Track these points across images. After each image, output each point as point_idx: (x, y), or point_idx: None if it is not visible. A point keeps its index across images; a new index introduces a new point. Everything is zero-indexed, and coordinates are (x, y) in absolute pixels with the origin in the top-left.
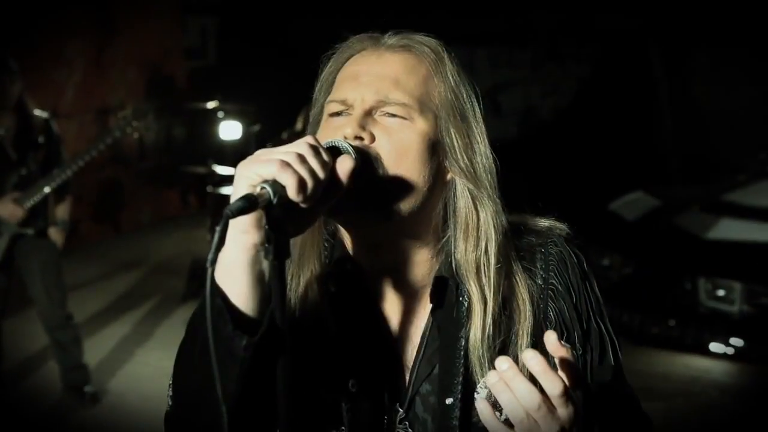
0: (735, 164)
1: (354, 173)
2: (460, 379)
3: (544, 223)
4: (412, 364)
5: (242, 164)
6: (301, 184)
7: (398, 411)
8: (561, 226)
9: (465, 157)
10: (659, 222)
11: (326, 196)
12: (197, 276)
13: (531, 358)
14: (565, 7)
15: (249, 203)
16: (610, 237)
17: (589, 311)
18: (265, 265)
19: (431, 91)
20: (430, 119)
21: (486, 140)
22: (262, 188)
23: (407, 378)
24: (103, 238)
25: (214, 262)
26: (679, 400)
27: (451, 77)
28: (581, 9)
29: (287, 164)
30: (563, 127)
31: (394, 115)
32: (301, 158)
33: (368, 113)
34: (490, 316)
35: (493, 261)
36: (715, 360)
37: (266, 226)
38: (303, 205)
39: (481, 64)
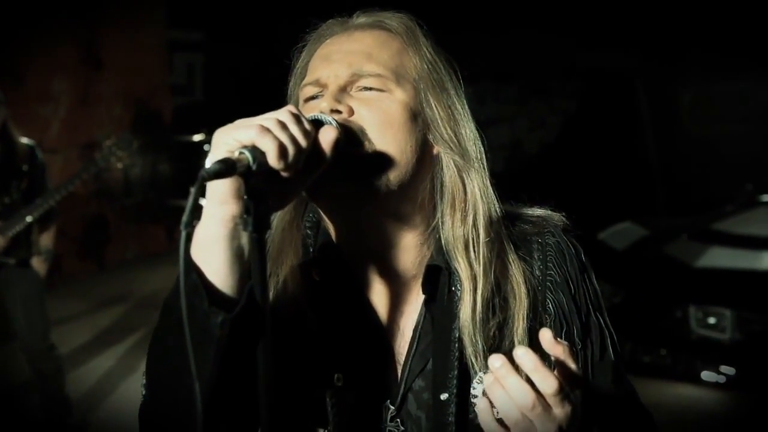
0: (721, 196)
1: (337, 145)
2: (455, 373)
3: (539, 211)
4: (404, 358)
5: (219, 130)
6: (282, 150)
7: (389, 408)
8: (557, 216)
9: (448, 128)
10: (648, 251)
11: (309, 168)
12: None
13: (522, 355)
14: (551, 46)
15: (226, 167)
16: (600, 266)
17: (588, 305)
18: (244, 240)
19: (406, 63)
20: (409, 90)
21: (469, 114)
22: (241, 153)
23: (398, 373)
24: (87, 274)
25: (188, 224)
26: (671, 430)
27: (426, 50)
28: (567, 48)
29: (267, 129)
30: (550, 161)
31: (370, 89)
32: (282, 125)
33: (343, 89)
34: (480, 293)
35: (482, 234)
36: (707, 389)
37: (245, 196)
38: (284, 174)
39: (468, 101)
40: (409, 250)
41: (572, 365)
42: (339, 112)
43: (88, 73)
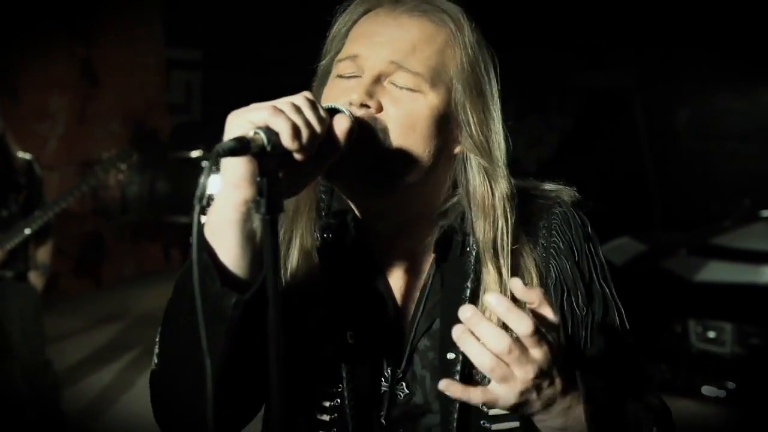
0: (718, 212)
1: (351, 134)
2: None
3: (550, 186)
4: (410, 319)
5: (233, 113)
6: (296, 131)
7: (396, 371)
8: (569, 190)
9: (480, 134)
10: (647, 266)
11: (322, 155)
12: None
13: (493, 299)
14: (548, 65)
15: (241, 144)
16: None
17: (592, 272)
18: (256, 223)
19: (447, 62)
20: (442, 92)
21: (500, 115)
22: (256, 133)
23: (405, 335)
24: (84, 291)
25: (201, 198)
26: None
27: (470, 48)
28: (564, 67)
29: (280, 111)
30: (547, 178)
31: (404, 87)
32: (296, 108)
33: (378, 79)
34: (500, 263)
35: (509, 240)
36: (708, 404)
37: (259, 178)
38: (298, 157)
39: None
40: (423, 229)
41: (548, 310)
42: (368, 107)
43: (86, 90)
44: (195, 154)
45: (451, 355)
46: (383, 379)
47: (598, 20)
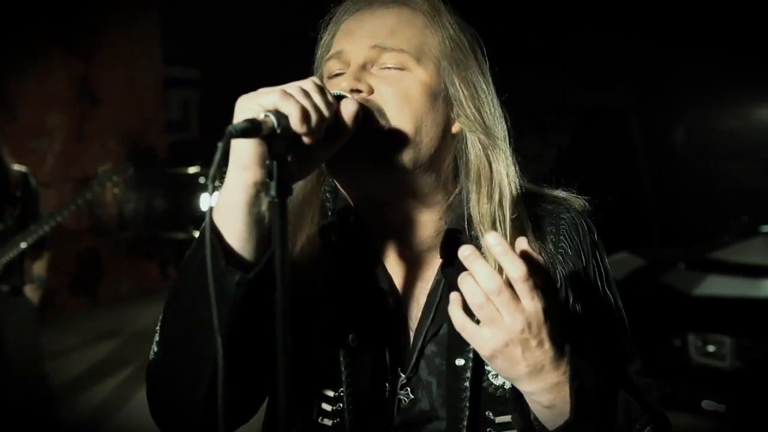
0: (715, 229)
1: (358, 117)
2: None
3: (561, 194)
4: (417, 324)
5: (243, 97)
6: (305, 114)
7: (400, 376)
8: (581, 200)
9: (472, 107)
10: (645, 280)
11: (331, 139)
12: None
13: (493, 239)
14: (545, 83)
15: (253, 126)
16: None
17: (597, 279)
18: (265, 207)
19: (429, 41)
20: (430, 69)
21: (494, 92)
22: (266, 116)
23: (411, 339)
24: (80, 309)
25: (215, 177)
26: None
27: (450, 28)
28: (561, 85)
29: (290, 95)
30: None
31: (391, 68)
32: (305, 92)
33: (364, 67)
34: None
35: (508, 213)
36: (708, 418)
37: (268, 161)
38: (307, 141)
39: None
40: (428, 225)
41: (543, 268)
42: (359, 91)
43: (84, 108)
44: (192, 170)
45: (460, 362)
46: (387, 384)
47: (594, 39)
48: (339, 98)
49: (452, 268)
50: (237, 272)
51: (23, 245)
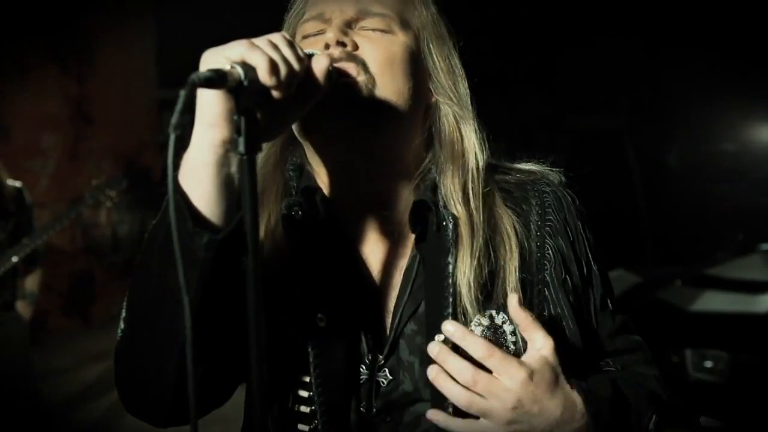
0: (711, 248)
1: (330, 75)
2: (450, 311)
3: (535, 167)
4: (394, 304)
5: (208, 50)
6: (273, 66)
7: (378, 357)
8: (557, 173)
9: (449, 80)
10: (642, 297)
11: (302, 97)
12: None
13: (449, 327)
14: (540, 105)
15: (218, 76)
16: None
17: (588, 254)
18: (234, 168)
19: (411, 11)
20: (411, 36)
21: (464, 73)
22: (232, 67)
23: (388, 320)
24: (73, 331)
25: (177, 127)
26: None
27: (431, 5)
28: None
29: (257, 46)
30: None
31: (375, 30)
32: (273, 45)
33: (348, 25)
34: (478, 241)
35: (480, 184)
36: None
37: (236, 117)
38: (277, 95)
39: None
40: (400, 199)
41: (536, 331)
42: (344, 45)
43: (78, 129)
44: None
45: (440, 337)
46: (363, 367)
47: (588, 61)
48: (310, 56)
49: (425, 242)
50: (205, 233)
51: (15, 260)
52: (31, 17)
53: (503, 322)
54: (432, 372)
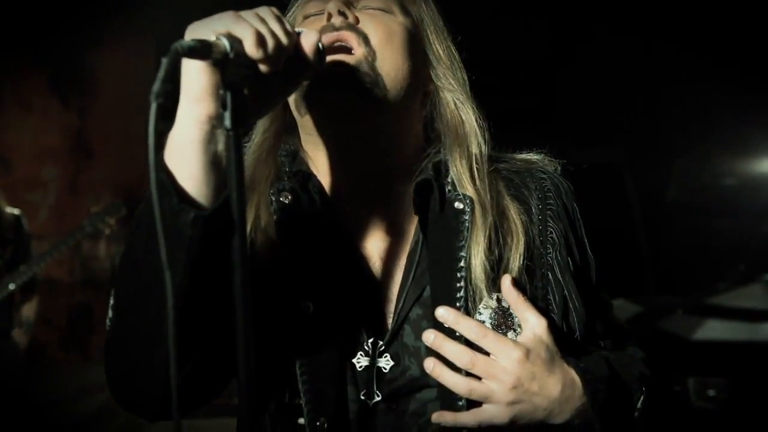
0: (711, 278)
1: (319, 51)
2: (462, 294)
3: (533, 156)
4: (398, 288)
5: (193, 23)
6: (260, 38)
7: (377, 342)
8: (553, 161)
9: (448, 68)
10: (643, 326)
11: (291, 75)
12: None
13: (441, 312)
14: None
15: (202, 46)
16: None
17: (584, 238)
18: (221, 147)
19: (410, 1)
20: (410, 21)
21: (462, 65)
22: (218, 38)
23: (389, 306)
24: (72, 364)
25: (159, 95)
26: None
27: (430, 1)
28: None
29: (243, 18)
30: None
31: (376, 8)
32: (260, 18)
33: (348, 4)
34: (489, 222)
35: (483, 164)
36: None
37: (222, 91)
38: (264, 69)
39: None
40: (396, 180)
41: (528, 311)
42: (345, 17)
43: (78, 161)
44: None
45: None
46: (362, 353)
47: (587, 96)
48: (299, 34)
49: (428, 226)
50: (192, 210)
51: (12, 287)
52: (32, 51)
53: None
54: (429, 364)
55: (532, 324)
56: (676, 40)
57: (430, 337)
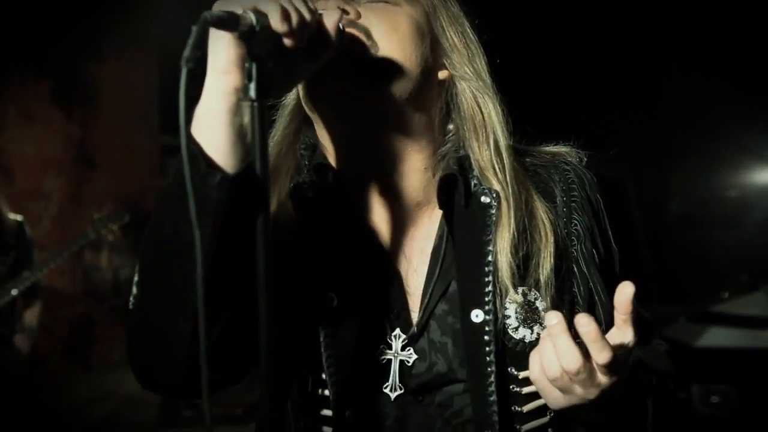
0: (714, 288)
1: (341, 31)
2: (491, 289)
3: (557, 149)
4: (424, 283)
5: (218, 2)
6: (285, 12)
7: (400, 336)
8: (576, 152)
9: (464, 56)
10: None
11: (314, 51)
12: (169, 407)
13: (584, 324)
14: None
15: (230, 17)
16: None
17: (608, 230)
18: (247, 119)
19: None
20: (419, 9)
21: (482, 50)
22: (245, 12)
23: (413, 300)
24: (73, 374)
25: (189, 60)
26: None
27: None
28: None
29: None
30: None
31: (378, 1)
32: None
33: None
34: (515, 215)
35: (506, 157)
36: None
37: (248, 64)
38: (288, 43)
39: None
40: (413, 174)
41: (606, 349)
42: (346, 12)
43: (81, 172)
44: None
45: (478, 318)
46: (386, 347)
47: (589, 109)
48: (320, 15)
49: (454, 220)
50: (218, 173)
51: (14, 293)
52: (35, 62)
53: (535, 299)
54: (553, 318)
55: (629, 338)
56: (678, 54)
57: (554, 319)
